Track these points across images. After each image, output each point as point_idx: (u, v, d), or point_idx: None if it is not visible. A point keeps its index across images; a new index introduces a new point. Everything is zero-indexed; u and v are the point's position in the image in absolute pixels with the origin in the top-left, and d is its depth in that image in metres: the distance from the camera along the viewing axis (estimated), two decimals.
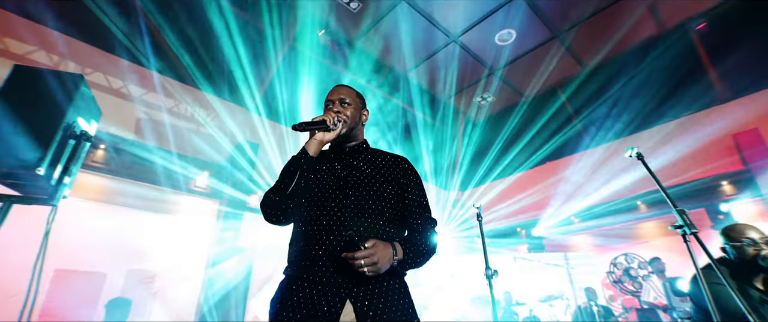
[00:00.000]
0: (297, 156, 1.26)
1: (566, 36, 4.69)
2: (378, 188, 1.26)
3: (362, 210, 1.20)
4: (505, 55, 4.97)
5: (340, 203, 1.20)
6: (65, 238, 4.09)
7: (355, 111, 1.38)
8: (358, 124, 1.39)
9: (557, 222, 6.26)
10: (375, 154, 1.39)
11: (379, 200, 1.23)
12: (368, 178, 1.28)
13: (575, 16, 4.42)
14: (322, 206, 1.21)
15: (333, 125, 1.27)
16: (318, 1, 4.29)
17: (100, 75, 4.50)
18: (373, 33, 4.64)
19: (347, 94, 1.39)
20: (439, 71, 5.27)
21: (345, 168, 1.31)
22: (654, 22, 4.53)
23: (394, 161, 1.37)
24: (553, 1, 4.18)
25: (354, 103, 1.39)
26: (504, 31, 4.59)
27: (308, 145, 1.27)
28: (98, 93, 4.38)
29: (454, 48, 4.85)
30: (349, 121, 1.34)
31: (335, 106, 1.36)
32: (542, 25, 4.50)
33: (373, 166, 1.34)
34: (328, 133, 1.27)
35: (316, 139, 1.27)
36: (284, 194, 1.19)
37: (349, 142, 1.39)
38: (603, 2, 4.27)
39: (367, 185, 1.26)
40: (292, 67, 5.17)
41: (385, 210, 1.23)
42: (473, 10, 4.29)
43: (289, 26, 4.70)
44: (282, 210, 1.18)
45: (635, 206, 5.73)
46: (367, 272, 1.00)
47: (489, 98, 5.95)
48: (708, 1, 4.24)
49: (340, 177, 1.28)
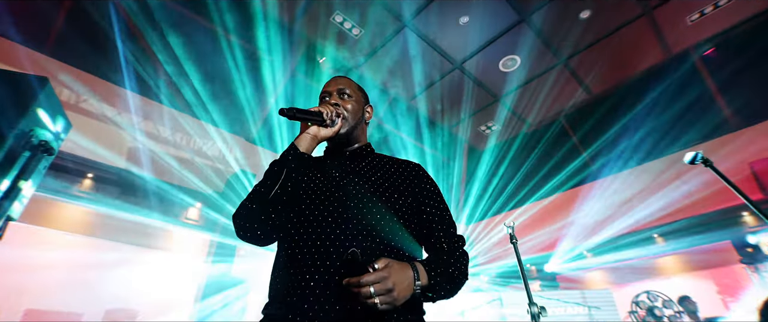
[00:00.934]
0: (284, 153, 1.00)
1: (571, 62, 4.61)
2: (387, 199, 0.99)
3: (368, 227, 0.92)
4: (509, 82, 4.87)
5: (338, 218, 0.94)
6: (41, 275, 3.78)
7: (356, 106, 1.14)
8: (360, 123, 1.15)
9: (570, 257, 5.91)
10: (381, 160, 1.14)
11: (390, 215, 0.96)
12: (375, 187, 1.02)
13: (580, 43, 4.35)
14: (315, 222, 0.94)
15: (330, 120, 1.04)
16: (319, 29, 4.24)
17: (93, 102, 4.37)
18: (374, 60, 4.56)
19: (347, 84, 1.16)
20: (443, 99, 5.16)
21: (345, 175, 1.05)
22: (660, 49, 4.46)
23: (406, 167, 1.12)
24: (558, 28, 4.12)
25: (355, 96, 1.15)
26: (508, 57, 4.51)
27: (299, 140, 1.02)
28: (92, 121, 4.22)
29: (457, 75, 4.76)
30: (350, 117, 1.11)
31: (333, 98, 1.12)
32: (547, 51, 4.42)
33: (380, 172, 1.08)
34: (323, 129, 1.04)
35: (309, 133, 1.03)
36: (264, 199, 0.93)
37: (349, 144, 1.15)
38: (607, 29, 4.21)
39: (373, 196, 0.99)
40: (292, 95, 5.06)
41: (398, 227, 0.96)
42: (477, 36, 4.23)
43: (289, 53, 4.64)
44: (260, 223, 0.92)
45: (652, 239, 5.43)
46: (378, 304, 0.72)
47: (494, 127, 5.80)
48: (715, 26, 4.18)
49: (338, 186, 1.02)
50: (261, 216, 0.92)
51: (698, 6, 3.96)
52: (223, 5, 3.95)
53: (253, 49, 4.41)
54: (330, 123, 1.04)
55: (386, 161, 1.13)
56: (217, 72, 4.52)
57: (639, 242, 5.47)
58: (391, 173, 1.08)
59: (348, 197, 0.98)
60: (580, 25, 4.13)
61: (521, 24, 4.09)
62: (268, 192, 0.94)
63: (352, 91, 1.15)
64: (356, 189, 1.01)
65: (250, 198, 0.96)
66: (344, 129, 1.10)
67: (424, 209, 1.04)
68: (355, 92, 1.16)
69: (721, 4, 3.97)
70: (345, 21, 4.10)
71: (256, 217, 0.92)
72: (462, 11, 3.97)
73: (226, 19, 4.10)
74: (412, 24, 4.14)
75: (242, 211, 0.94)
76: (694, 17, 4.07)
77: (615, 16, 4.06)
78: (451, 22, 4.08)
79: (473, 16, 4.02)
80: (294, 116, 0.97)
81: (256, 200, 0.94)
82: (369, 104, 1.23)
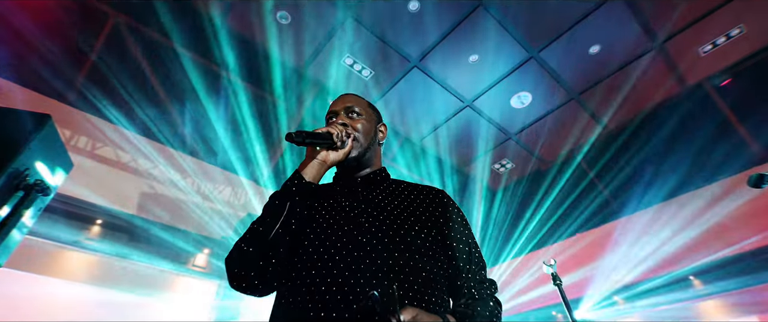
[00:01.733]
0: (287, 183, 0.87)
1: (584, 97, 4.55)
2: (408, 232, 0.84)
3: (387, 268, 0.77)
4: (522, 119, 4.80)
5: (351, 256, 0.79)
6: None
7: (368, 125, 1.01)
8: (373, 144, 1.02)
9: (600, 303, 5.47)
10: (399, 186, 1.00)
11: (413, 252, 0.81)
12: (392, 218, 0.87)
13: (591, 78, 4.32)
14: (322, 263, 0.79)
15: (340, 142, 0.91)
16: (330, 71, 4.31)
17: (110, 149, 4.42)
18: (384, 100, 4.58)
19: (356, 102, 1.04)
20: (454, 138, 5.09)
21: (356, 205, 0.91)
22: (675, 81, 4.38)
23: (428, 193, 0.97)
24: (568, 63, 4.11)
25: (366, 114, 1.03)
26: (520, 94, 4.48)
27: (304, 168, 0.88)
28: (106, 167, 4.25)
29: (468, 113, 4.73)
30: (362, 138, 0.98)
31: (340, 117, 1.00)
32: (559, 87, 4.39)
33: (398, 201, 0.93)
34: (332, 153, 0.91)
35: (316, 159, 0.89)
36: (263, 240, 0.78)
37: (360, 168, 1.01)
38: (618, 63, 4.19)
39: (390, 230, 0.84)
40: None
41: (422, 266, 0.80)
42: (487, 73, 4.24)
43: (299, 96, 4.70)
44: (258, 270, 0.77)
45: (688, 282, 5.02)
46: None
47: (508, 165, 5.66)
48: (729, 57, 4.12)
49: (349, 218, 0.87)
50: (259, 261, 0.77)
51: (710, 37, 3.93)
52: (232, 50, 4.06)
53: (263, 93, 4.48)
54: (340, 145, 0.92)
55: (404, 187, 1.00)
56: (229, 118, 4.58)
57: (675, 285, 5.06)
58: (411, 200, 0.94)
59: (361, 231, 0.84)
60: (591, 60, 4.12)
61: (531, 60, 4.09)
62: (268, 231, 0.80)
63: (361, 108, 1.04)
64: (371, 222, 0.86)
65: (245, 239, 0.81)
66: (355, 152, 0.97)
67: (450, 244, 0.88)
68: (365, 110, 1.04)
69: (733, 34, 3.93)
70: (355, 63, 4.17)
71: (253, 262, 0.78)
72: (471, 50, 4.01)
73: (239, 65, 4.21)
74: (422, 64, 4.18)
75: (236, 255, 0.80)
76: (706, 48, 4.03)
77: (625, 50, 4.04)
78: (460, 61, 4.12)
79: (482, 54, 4.05)
80: (303, 142, 0.85)
81: (253, 242, 0.80)
82: (382, 123, 1.11)
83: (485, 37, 3.88)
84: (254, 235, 0.80)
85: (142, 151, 4.48)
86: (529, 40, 3.92)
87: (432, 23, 3.81)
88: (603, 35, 3.90)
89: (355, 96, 1.08)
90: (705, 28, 3.86)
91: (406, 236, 0.83)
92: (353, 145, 0.96)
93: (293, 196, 0.84)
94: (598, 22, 3.78)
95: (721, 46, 4.02)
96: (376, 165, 1.04)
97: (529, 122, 4.87)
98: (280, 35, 3.95)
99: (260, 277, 0.77)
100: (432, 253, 0.84)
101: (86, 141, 4.40)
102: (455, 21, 3.80)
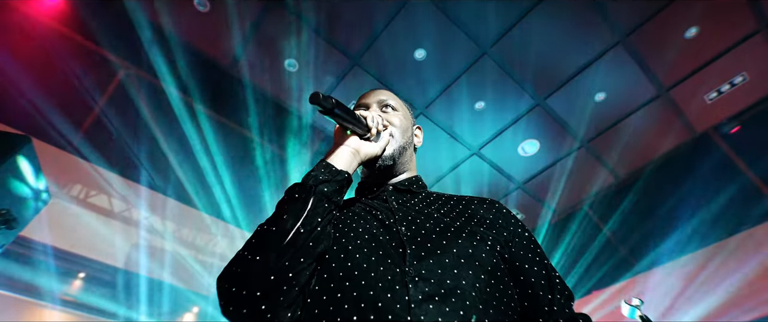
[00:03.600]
0: (311, 173, 0.67)
1: (593, 145, 4.47)
2: (466, 244, 0.64)
3: (444, 291, 0.56)
4: (530, 167, 4.69)
5: (393, 276, 0.58)
6: None
7: (405, 122, 0.87)
8: (409, 146, 0.87)
9: None
10: (440, 197, 0.82)
11: (472, 272, 0.60)
12: (445, 228, 0.67)
13: (600, 125, 4.28)
14: (356, 284, 0.57)
15: (375, 132, 0.74)
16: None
17: (104, 197, 4.25)
18: None
19: (390, 96, 0.90)
20: (461, 186, 4.94)
21: (391, 214, 0.71)
22: (684, 128, 4.34)
23: (481, 204, 0.79)
24: (575, 109, 4.10)
25: (402, 111, 0.89)
26: (527, 141, 4.42)
27: (333, 155, 0.70)
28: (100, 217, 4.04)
29: (475, 161, 4.63)
30: (399, 134, 0.82)
31: (372, 110, 0.85)
32: (566, 134, 4.33)
33: (445, 210, 0.74)
34: (365, 143, 0.74)
35: (349, 146, 0.72)
36: (277, 245, 0.56)
37: (393, 173, 0.84)
38: (625, 110, 4.17)
39: (443, 241, 0.64)
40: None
41: (484, 290, 0.59)
42: (493, 121, 4.21)
43: (308, 148, 4.62)
44: (269, 286, 0.54)
45: None
46: None
47: (518, 215, 5.44)
48: (735, 105, 4.11)
49: (386, 229, 0.67)
50: (269, 275, 0.55)
51: (715, 85, 3.95)
52: (253, 106, 4.05)
53: (274, 148, 4.41)
54: (374, 138, 0.75)
55: (448, 197, 0.82)
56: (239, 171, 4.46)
57: None
58: (460, 210, 0.75)
59: (399, 242, 0.63)
60: (597, 107, 4.10)
61: (537, 107, 4.08)
62: (284, 232, 0.57)
63: (397, 103, 0.90)
64: (413, 232, 0.66)
65: (251, 246, 0.60)
66: (391, 149, 0.81)
67: (520, 266, 0.69)
68: (401, 106, 0.91)
69: (736, 82, 3.96)
70: None
71: (262, 276, 0.54)
72: (477, 97, 4.01)
73: (257, 122, 4.16)
74: (427, 111, 4.17)
75: (237, 268, 0.57)
76: (712, 96, 4.04)
77: (631, 97, 4.04)
78: (466, 108, 4.10)
79: (488, 102, 4.04)
80: (331, 110, 0.66)
81: (263, 248, 0.57)
82: (418, 126, 0.98)
83: (491, 84, 3.90)
84: (265, 238, 0.58)
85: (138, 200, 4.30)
86: (534, 87, 3.93)
87: (437, 71, 3.85)
88: (608, 83, 3.92)
89: (389, 91, 0.94)
90: (708, 76, 3.89)
91: (467, 248, 0.63)
92: (389, 143, 0.80)
93: (322, 187, 0.63)
94: (601, 70, 3.82)
95: (725, 94, 4.02)
96: (411, 171, 0.88)
97: (537, 171, 4.75)
98: (289, 84, 3.97)
99: (271, 300, 0.54)
100: (500, 273, 0.64)
101: (80, 188, 4.24)
102: (461, 69, 3.84)
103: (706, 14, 3.48)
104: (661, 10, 3.48)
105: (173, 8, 3.35)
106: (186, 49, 3.57)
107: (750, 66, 3.80)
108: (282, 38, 3.57)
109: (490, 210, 0.78)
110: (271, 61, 3.77)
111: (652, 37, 3.64)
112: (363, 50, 3.72)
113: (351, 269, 0.60)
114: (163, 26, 3.41)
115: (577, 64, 3.81)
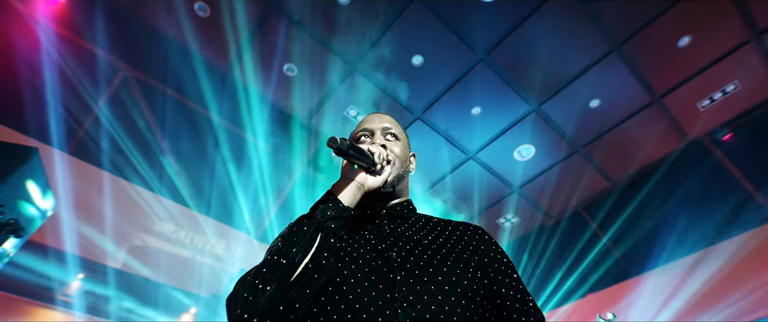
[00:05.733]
0: (319, 207, 0.73)
1: (588, 150, 4.53)
2: (449, 272, 0.71)
3: (429, 316, 0.64)
4: (526, 172, 4.74)
5: (384, 301, 0.65)
6: None
7: (404, 151, 0.92)
8: (406, 173, 0.93)
9: None
10: (429, 221, 0.87)
11: (459, 295, 0.68)
12: (428, 256, 0.74)
13: (594, 130, 4.34)
14: (350, 306, 0.65)
15: (380, 166, 0.80)
16: (337, 124, 4.33)
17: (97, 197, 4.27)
18: None
19: (393, 123, 0.95)
20: (458, 190, 4.99)
21: (382, 239, 0.78)
22: (677, 135, 4.40)
23: (465, 230, 0.84)
24: (571, 115, 4.15)
25: (403, 139, 0.94)
26: (523, 146, 4.47)
27: (340, 189, 0.75)
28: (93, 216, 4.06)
29: (472, 165, 4.68)
30: (399, 164, 0.88)
31: (376, 137, 0.91)
32: (562, 139, 4.39)
33: (432, 236, 0.81)
34: (371, 177, 0.79)
35: (355, 181, 0.77)
36: (287, 278, 0.62)
37: (389, 199, 0.89)
38: (619, 117, 4.23)
39: (429, 268, 0.71)
40: (306, 191, 4.95)
41: (464, 315, 0.66)
42: (490, 126, 4.26)
43: (302, 148, 4.67)
44: (280, 314, 0.60)
45: None
46: None
47: (513, 219, 5.49)
48: (728, 112, 4.18)
49: (378, 254, 0.74)
50: (279, 306, 0.61)
51: (707, 93, 4.01)
52: (260, 113, 4.11)
53: (262, 143, 4.45)
54: (379, 169, 0.80)
55: (436, 222, 0.87)
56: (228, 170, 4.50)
57: None
58: (446, 237, 0.81)
59: (390, 267, 0.70)
60: (592, 113, 4.16)
61: (533, 113, 4.13)
62: (293, 266, 0.64)
63: (398, 132, 0.95)
64: (403, 258, 0.73)
65: (260, 274, 0.64)
66: (391, 180, 0.86)
67: (498, 290, 0.74)
68: (401, 134, 0.96)
69: (728, 90, 4.02)
70: (359, 114, 4.19)
71: (272, 306, 0.61)
72: (473, 103, 4.06)
73: (255, 124, 4.21)
74: (424, 116, 4.21)
75: (248, 295, 0.62)
76: (704, 103, 4.10)
77: (625, 104, 4.10)
78: (463, 113, 4.15)
79: (485, 107, 4.09)
80: (346, 151, 0.72)
81: (273, 280, 0.63)
82: (413, 153, 1.03)
83: (487, 90, 3.95)
84: (275, 270, 0.62)
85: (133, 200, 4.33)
86: (530, 93, 3.99)
87: (435, 77, 3.90)
88: (602, 90, 3.98)
89: (390, 117, 0.99)
90: (701, 84, 3.95)
91: (450, 276, 0.69)
92: (390, 172, 0.85)
93: (330, 223, 0.69)
94: (596, 77, 3.87)
95: (718, 102, 4.09)
96: (404, 196, 0.94)
97: (533, 175, 4.81)
98: (287, 88, 4.01)
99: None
100: (479, 299, 0.70)
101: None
102: (457, 75, 3.89)
103: (699, 24, 3.54)
104: (655, 19, 3.54)
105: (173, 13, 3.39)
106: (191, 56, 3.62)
107: (742, 75, 3.87)
108: (281, 43, 3.61)
109: (474, 236, 0.84)
110: (269, 66, 3.81)
111: (645, 46, 3.70)
112: (361, 56, 3.77)
113: (346, 293, 0.66)
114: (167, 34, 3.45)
115: (573, 71, 3.86)
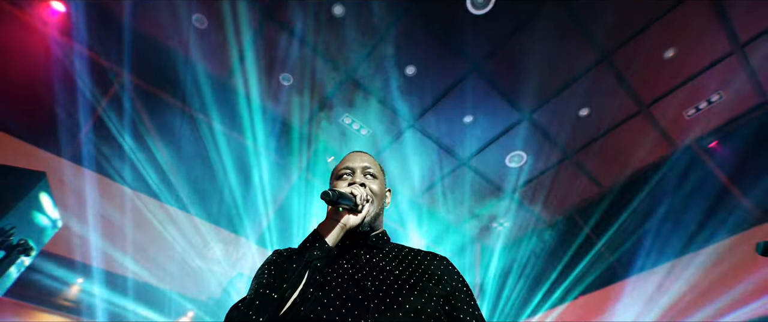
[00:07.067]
0: (307, 247, 0.82)
1: (578, 158, 4.63)
2: (417, 300, 0.81)
3: None
4: (517, 178, 4.84)
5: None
6: None
7: (382, 189, 1.02)
8: (382, 210, 1.02)
9: None
10: (401, 250, 0.97)
11: (421, 320, 0.78)
12: (398, 284, 0.84)
13: (584, 138, 4.44)
14: None
15: (361, 205, 0.90)
16: (330, 130, 4.41)
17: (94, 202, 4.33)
18: (381, 159, 4.63)
19: (371, 163, 1.04)
20: (450, 196, 5.09)
21: (359, 269, 0.88)
22: (665, 142, 4.51)
23: (432, 260, 0.94)
24: (561, 123, 4.25)
25: (380, 177, 1.04)
26: (514, 153, 4.57)
27: (325, 230, 0.85)
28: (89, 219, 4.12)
29: (464, 171, 4.77)
30: (377, 203, 0.97)
31: (356, 176, 1.00)
32: (552, 146, 4.49)
33: (402, 266, 0.91)
34: (352, 217, 0.89)
35: (339, 222, 0.86)
36: (277, 312, 0.73)
37: (366, 231, 0.98)
38: (607, 124, 4.33)
39: (399, 297, 0.81)
40: (301, 196, 5.03)
41: None
42: (482, 133, 4.35)
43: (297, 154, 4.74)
44: None
45: None
46: None
47: (505, 223, 5.60)
48: (713, 121, 4.28)
49: (355, 282, 0.84)
50: None
51: (693, 102, 4.12)
52: (257, 121, 4.18)
53: (272, 155, 4.52)
54: (360, 208, 0.90)
55: (407, 252, 0.97)
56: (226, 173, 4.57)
57: None
58: (415, 266, 0.90)
59: (366, 295, 0.80)
60: (581, 122, 4.26)
61: (524, 121, 4.22)
62: (283, 300, 0.74)
63: (376, 170, 1.04)
64: (377, 285, 0.82)
65: (254, 305, 0.73)
66: (369, 217, 0.95)
67: (457, 315, 0.84)
68: (379, 173, 1.05)
69: (713, 100, 4.13)
70: (353, 122, 4.27)
71: None
72: (466, 111, 4.15)
73: (255, 131, 4.29)
74: (418, 124, 4.30)
75: None
76: (690, 112, 4.21)
77: (614, 113, 4.20)
78: (455, 121, 4.24)
79: (477, 115, 4.19)
80: (335, 201, 0.83)
81: (265, 311, 0.72)
82: (388, 188, 1.12)
83: (479, 99, 4.05)
84: (267, 303, 0.72)
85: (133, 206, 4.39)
86: (521, 102, 4.08)
87: (427, 86, 3.99)
88: (591, 99, 4.08)
89: (370, 156, 1.09)
90: (687, 94, 4.06)
91: (416, 304, 0.79)
92: (369, 209, 0.95)
93: (315, 262, 0.79)
94: (585, 87, 3.97)
95: (704, 111, 4.20)
96: (380, 228, 1.03)
97: (524, 181, 4.91)
98: (283, 97, 4.09)
99: None
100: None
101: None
102: (449, 85, 3.98)
103: (684, 36, 3.65)
104: (642, 32, 3.64)
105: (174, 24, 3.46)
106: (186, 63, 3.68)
107: (725, 85, 3.98)
108: (278, 54, 3.69)
109: (439, 266, 0.93)
110: (267, 75, 3.89)
111: (633, 57, 3.80)
112: (356, 66, 3.85)
113: (326, 321, 0.76)
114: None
115: (562, 81, 3.96)
